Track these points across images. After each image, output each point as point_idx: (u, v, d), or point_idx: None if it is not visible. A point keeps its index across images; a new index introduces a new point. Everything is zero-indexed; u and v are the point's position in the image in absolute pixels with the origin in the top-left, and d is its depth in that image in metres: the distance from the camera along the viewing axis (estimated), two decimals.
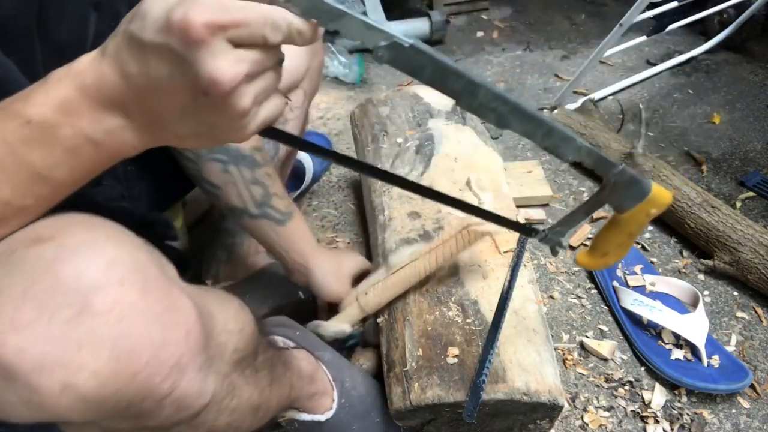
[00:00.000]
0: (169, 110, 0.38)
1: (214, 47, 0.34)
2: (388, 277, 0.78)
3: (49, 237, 0.40)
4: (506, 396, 0.68)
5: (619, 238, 0.58)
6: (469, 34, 2.12)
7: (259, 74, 0.38)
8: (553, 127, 0.46)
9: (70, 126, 0.38)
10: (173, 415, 0.45)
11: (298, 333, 0.81)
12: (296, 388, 0.70)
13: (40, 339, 0.37)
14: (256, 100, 0.38)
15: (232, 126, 0.39)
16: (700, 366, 0.94)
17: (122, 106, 0.38)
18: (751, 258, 1.06)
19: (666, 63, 1.85)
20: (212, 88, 0.35)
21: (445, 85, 0.42)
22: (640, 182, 0.51)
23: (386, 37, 0.39)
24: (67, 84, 0.38)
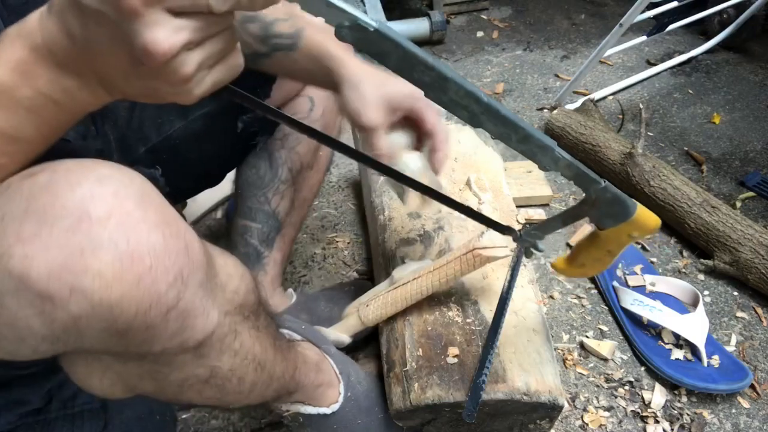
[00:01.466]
0: (114, 74, 0.38)
1: (149, 18, 0.33)
2: (389, 292, 0.78)
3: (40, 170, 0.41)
4: (506, 396, 0.68)
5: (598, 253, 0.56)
6: (469, 34, 2.12)
7: (205, 40, 0.37)
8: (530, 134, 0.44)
9: (29, 87, 0.39)
10: (178, 335, 0.45)
11: (304, 327, 0.81)
12: (301, 372, 0.69)
13: (43, 247, 0.38)
14: (201, 66, 0.37)
15: (176, 91, 0.38)
16: (700, 366, 0.94)
17: (74, 66, 0.39)
18: (751, 258, 1.06)
19: (666, 63, 1.85)
20: (146, 58, 0.34)
21: (412, 76, 0.40)
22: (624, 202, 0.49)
23: (349, 18, 0.37)
24: (19, 45, 0.38)
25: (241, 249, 0.91)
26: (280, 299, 0.94)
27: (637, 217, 0.50)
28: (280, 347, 0.64)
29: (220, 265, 0.52)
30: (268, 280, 0.92)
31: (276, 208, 0.90)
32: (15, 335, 0.40)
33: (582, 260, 0.58)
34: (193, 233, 0.46)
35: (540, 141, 0.44)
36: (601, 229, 0.53)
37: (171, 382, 0.52)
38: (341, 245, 1.22)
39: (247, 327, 0.56)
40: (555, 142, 0.46)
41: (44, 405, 0.59)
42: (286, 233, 0.93)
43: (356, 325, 0.81)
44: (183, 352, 0.48)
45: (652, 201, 1.21)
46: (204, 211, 1.29)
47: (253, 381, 0.59)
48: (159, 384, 0.52)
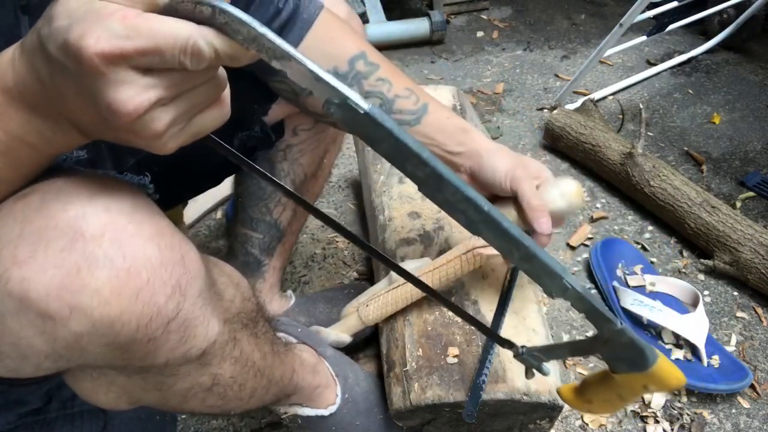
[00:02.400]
0: (84, 121, 0.37)
1: (113, 77, 0.31)
2: (389, 292, 0.78)
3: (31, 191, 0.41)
4: (506, 396, 0.68)
5: (607, 395, 0.50)
6: (469, 34, 2.12)
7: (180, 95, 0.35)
8: (537, 255, 0.39)
9: (2, 131, 0.37)
10: (181, 346, 0.45)
11: (300, 330, 0.81)
12: (299, 374, 0.69)
13: (40, 269, 0.38)
14: (175, 122, 0.35)
15: (148, 145, 0.36)
16: (700, 366, 0.94)
17: (45, 111, 0.37)
18: (751, 258, 1.06)
19: (666, 63, 1.85)
20: (112, 118, 0.33)
21: (405, 168, 0.37)
22: (642, 351, 0.43)
23: (338, 96, 0.34)
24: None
25: (240, 258, 0.91)
26: (278, 303, 0.94)
27: (656, 371, 0.43)
28: (278, 352, 0.64)
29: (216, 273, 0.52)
30: (267, 287, 0.92)
31: (278, 218, 0.89)
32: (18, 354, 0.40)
33: (590, 396, 0.53)
34: (189, 243, 0.46)
35: (546, 265, 0.40)
36: (614, 372, 0.47)
37: (175, 392, 0.52)
38: (341, 245, 1.22)
39: (246, 334, 0.56)
40: (565, 268, 0.41)
41: (44, 405, 0.59)
42: (287, 241, 0.93)
43: (356, 324, 0.81)
44: (186, 363, 0.48)
45: (652, 201, 1.21)
46: (204, 211, 1.29)
47: (253, 387, 0.59)
48: (163, 395, 0.52)
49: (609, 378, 0.48)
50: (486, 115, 1.65)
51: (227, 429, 0.89)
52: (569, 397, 0.55)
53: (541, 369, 0.55)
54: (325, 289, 1.09)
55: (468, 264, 0.72)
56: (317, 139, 0.87)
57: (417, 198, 0.95)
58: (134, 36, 0.31)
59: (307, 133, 0.85)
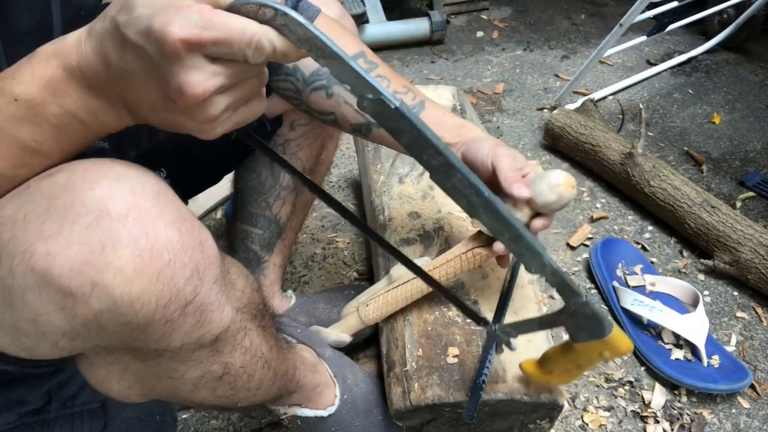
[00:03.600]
0: (142, 103, 0.40)
1: (188, 62, 0.35)
2: (389, 292, 0.77)
3: (57, 171, 0.42)
4: (506, 396, 0.68)
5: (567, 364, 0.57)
6: (469, 34, 2.12)
7: (236, 85, 0.39)
8: (523, 235, 0.45)
9: (57, 105, 0.40)
10: (196, 330, 0.46)
11: (300, 330, 0.81)
12: (300, 372, 0.70)
13: (65, 244, 0.39)
14: (228, 108, 0.39)
15: (200, 128, 0.40)
16: (700, 366, 0.94)
17: (103, 91, 0.40)
18: (751, 258, 1.06)
19: (666, 63, 1.85)
20: (180, 99, 0.36)
21: (422, 157, 0.42)
22: (601, 321, 0.50)
23: (374, 92, 0.39)
24: (54, 64, 0.39)
25: (240, 254, 0.91)
26: (279, 302, 0.94)
27: (611, 339, 0.50)
28: (282, 347, 0.65)
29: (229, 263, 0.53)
30: (267, 284, 0.92)
31: (277, 213, 0.90)
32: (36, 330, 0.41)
33: (550, 367, 0.59)
34: (206, 230, 0.47)
35: (530, 244, 0.46)
36: (574, 342, 0.54)
37: (187, 380, 0.52)
38: (341, 245, 1.22)
39: (255, 325, 0.57)
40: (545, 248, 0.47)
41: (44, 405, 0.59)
42: (287, 237, 0.93)
43: (356, 324, 0.81)
44: (200, 348, 0.49)
45: (652, 201, 1.21)
46: (204, 211, 1.29)
47: (260, 378, 0.60)
48: (175, 383, 0.53)
49: (569, 348, 0.55)
50: (486, 115, 1.65)
51: (227, 429, 0.89)
52: (531, 371, 0.61)
53: (509, 344, 0.61)
54: (325, 289, 1.09)
55: (468, 263, 0.72)
56: (314, 134, 0.88)
57: (417, 198, 0.95)
58: (210, 27, 0.35)
59: (304, 128, 0.86)
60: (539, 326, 0.57)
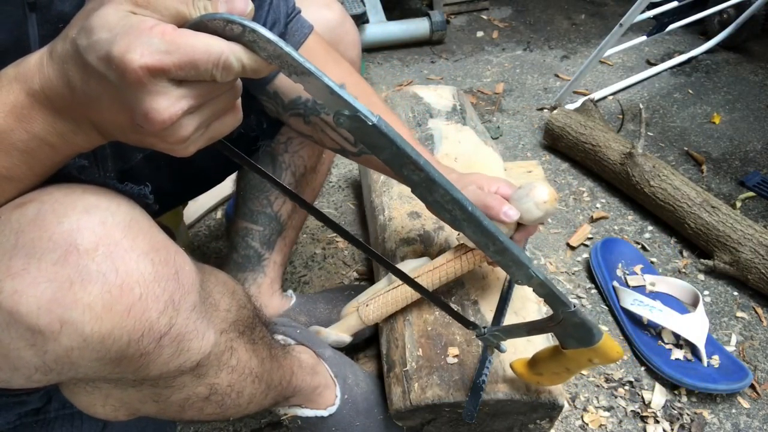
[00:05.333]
0: (111, 126, 0.39)
1: (152, 88, 0.34)
2: (389, 292, 0.78)
3: (29, 200, 0.41)
4: (506, 396, 0.68)
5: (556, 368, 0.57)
6: (469, 34, 2.12)
7: (205, 104, 0.38)
8: (507, 248, 0.45)
9: (24, 130, 0.38)
10: (174, 359, 0.45)
11: (299, 331, 0.81)
12: (298, 377, 0.70)
13: (32, 282, 0.38)
14: (199, 128, 0.38)
15: (171, 149, 0.39)
16: (700, 366, 0.94)
17: (70, 113, 0.39)
18: (751, 258, 1.06)
19: (666, 63, 1.85)
20: (147, 125, 0.35)
21: (402, 172, 0.42)
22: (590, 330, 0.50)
23: (350, 109, 0.38)
24: (17, 89, 0.38)
25: (241, 251, 0.91)
26: (279, 301, 0.94)
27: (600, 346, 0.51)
28: (276, 356, 0.65)
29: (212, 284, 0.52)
30: (267, 282, 0.92)
31: (278, 211, 0.90)
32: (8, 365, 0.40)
33: (540, 369, 0.60)
34: (184, 256, 0.46)
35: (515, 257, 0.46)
36: (564, 348, 0.54)
37: (172, 402, 0.52)
38: (341, 245, 1.22)
39: (242, 342, 0.56)
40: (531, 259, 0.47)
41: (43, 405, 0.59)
42: (287, 235, 0.93)
43: (356, 324, 0.81)
44: (181, 374, 0.48)
45: (652, 201, 1.21)
46: (204, 211, 1.29)
47: (251, 393, 0.59)
48: (161, 406, 0.52)
49: (559, 353, 0.55)
50: (486, 115, 1.65)
51: (227, 429, 0.89)
52: (522, 371, 0.62)
53: (499, 347, 0.61)
54: (325, 289, 1.09)
55: (467, 264, 0.72)
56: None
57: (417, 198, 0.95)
58: (173, 51, 0.33)
59: None
60: (528, 332, 0.57)
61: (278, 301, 0.94)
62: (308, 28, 0.70)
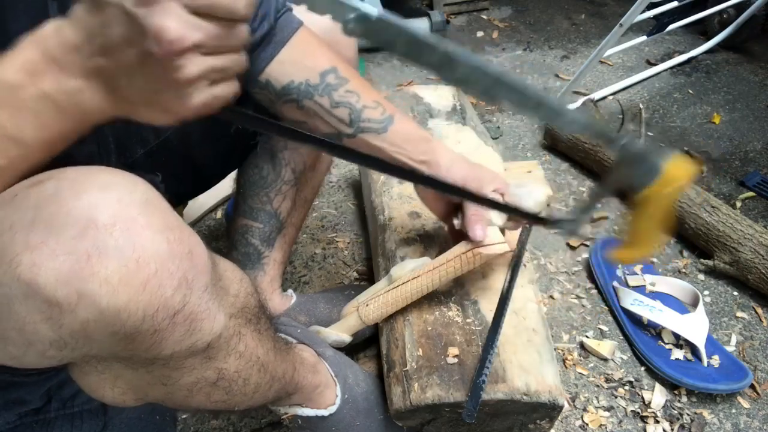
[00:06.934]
0: (121, 72, 0.39)
1: (166, 7, 0.35)
2: (389, 292, 0.78)
3: (46, 178, 0.42)
4: (506, 396, 0.68)
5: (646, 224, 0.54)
6: (469, 34, 2.12)
7: (214, 51, 0.38)
8: (543, 99, 0.45)
9: (33, 86, 0.40)
10: (187, 338, 0.46)
11: (300, 330, 0.81)
12: (300, 373, 0.70)
13: (51, 254, 0.39)
14: (205, 74, 0.39)
15: (176, 93, 0.39)
16: (700, 366, 0.94)
17: (81, 68, 0.40)
18: (751, 258, 1.06)
19: (666, 63, 1.85)
20: (157, 43, 0.36)
21: (422, 59, 0.41)
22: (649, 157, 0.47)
23: (353, 10, 0.38)
24: (32, 48, 0.40)
25: (241, 248, 0.91)
26: (279, 300, 0.94)
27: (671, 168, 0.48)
28: (280, 349, 0.65)
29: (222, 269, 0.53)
30: (267, 280, 0.92)
31: (278, 208, 0.90)
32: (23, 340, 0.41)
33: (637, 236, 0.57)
34: (197, 238, 0.47)
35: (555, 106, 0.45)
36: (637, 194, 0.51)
37: (180, 386, 0.52)
38: (341, 245, 1.22)
39: (250, 330, 0.56)
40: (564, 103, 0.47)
41: (43, 405, 0.59)
42: (287, 233, 0.93)
43: (356, 324, 0.81)
44: (192, 355, 0.49)
45: None
46: (204, 211, 1.29)
47: (257, 382, 0.59)
48: (169, 389, 0.52)
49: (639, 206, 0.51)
50: (486, 115, 1.65)
51: (227, 429, 0.89)
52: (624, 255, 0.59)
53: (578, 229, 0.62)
54: (326, 289, 1.09)
55: (468, 263, 0.72)
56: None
57: (417, 198, 0.95)
58: None
59: None
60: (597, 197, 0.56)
61: (278, 300, 0.94)
62: (297, 23, 0.71)
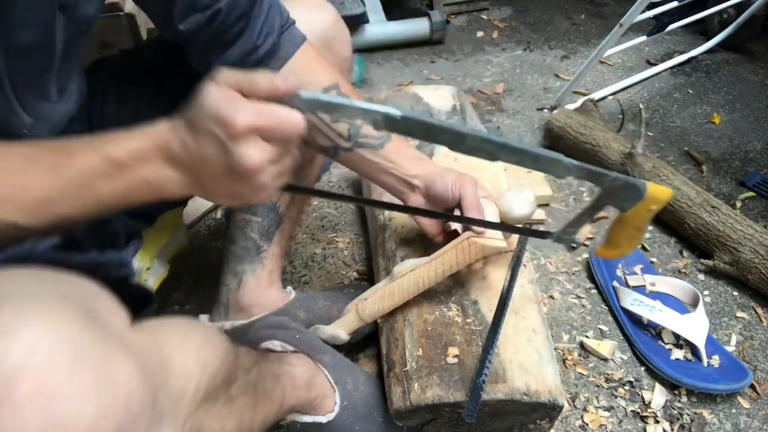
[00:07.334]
0: (208, 176, 0.49)
1: (248, 140, 0.46)
2: (386, 286, 0.78)
3: None
4: (506, 396, 0.68)
5: (628, 232, 0.63)
6: (469, 34, 2.12)
7: (278, 160, 0.49)
8: (539, 154, 0.52)
9: (136, 169, 0.48)
10: None
11: (298, 336, 0.81)
12: (290, 398, 0.69)
13: None
14: (275, 175, 0.49)
15: (253, 194, 0.50)
16: (700, 366, 0.94)
17: (178, 165, 0.49)
18: (751, 258, 1.06)
19: (666, 63, 1.85)
20: (241, 169, 0.46)
21: (437, 139, 0.51)
22: (635, 185, 0.56)
23: (382, 115, 0.48)
24: (146, 139, 0.49)
25: (240, 243, 0.91)
26: (278, 294, 0.94)
27: (650, 194, 0.56)
28: (263, 395, 0.62)
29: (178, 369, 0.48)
30: (266, 273, 0.92)
31: (276, 201, 0.91)
32: None
33: (617, 242, 0.65)
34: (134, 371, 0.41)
35: (549, 157, 0.53)
36: (624, 212, 0.60)
37: None
38: (341, 245, 1.22)
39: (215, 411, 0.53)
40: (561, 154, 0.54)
41: None
42: (285, 228, 0.93)
43: (354, 321, 0.81)
44: None
45: None
46: (204, 211, 1.29)
47: None
48: None
49: (623, 220, 0.62)
50: (486, 115, 1.65)
51: None
52: (605, 253, 0.68)
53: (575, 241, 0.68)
54: (326, 289, 1.09)
55: (464, 253, 0.72)
56: None
57: None
58: (265, 115, 0.46)
59: None
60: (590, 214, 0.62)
61: (277, 294, 0.94)
62: (300, 39, 0.72)
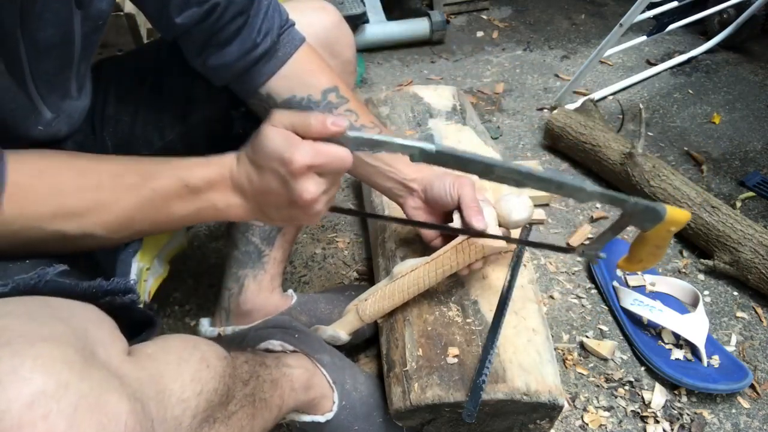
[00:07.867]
0: (270, 205, 0.56)
1: (306, 176, 0.52)
2: (386, 286, 0.78)
3: None
4: (506, 396, 0.68)
5: (648, 249, 0.66)
6: (469, 34, 2.12)
7: (329, 189, 0.55)
8: (563, 182, 0.56)
9: (206, 194, 0.56)
10: None
11: (297, 336, 0.81)
12: (288, 402, 0.69)
13: None
14: (325, 204, 0.56)
15: (307, 219, 0.56)
16: (700, 366, 0.94)
17: (243, 194, 0.57)
18: (751, 258, 1.06)
19: (666, 63, 1.85)
20: (300, 201, 0.53)
21: (468, 169, 0.55)
22: (654, 209, 0.59)
23: (419, 149, 0.53)
24: (217, 170, 0.56)
25: (242, 247, 0.91)
26: (279, 299, 0.94)
27: (670, 217, 0.59)
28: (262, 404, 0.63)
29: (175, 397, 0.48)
30: (267, 278, 0.92)
31: None
32: None
33: (639, 257, 0.68)
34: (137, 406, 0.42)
35: (572, 185, 0.56)
36: (645, 232, 0.62)
37: None
38: (341, 245, 1.22)
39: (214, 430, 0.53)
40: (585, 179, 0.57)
41: None
42: (287, 231, 0.93)
43: (354, 321, 0.81)
44: None
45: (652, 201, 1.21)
46: None
47: None
48: None
49: (644, 238, 0.64)
50: (486, 115, 1.65)
51: None
52: (627, 266, 0.71)
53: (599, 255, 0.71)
54: (326, 289, 1.09)
55: (463, 254, 0.72)
56: None
57: None
58: (320, 154, 0.52)
59: None
60: (613, 233, 0.65)
61: (278, 299, 0.94)
62: (299, 40, 0.72)
